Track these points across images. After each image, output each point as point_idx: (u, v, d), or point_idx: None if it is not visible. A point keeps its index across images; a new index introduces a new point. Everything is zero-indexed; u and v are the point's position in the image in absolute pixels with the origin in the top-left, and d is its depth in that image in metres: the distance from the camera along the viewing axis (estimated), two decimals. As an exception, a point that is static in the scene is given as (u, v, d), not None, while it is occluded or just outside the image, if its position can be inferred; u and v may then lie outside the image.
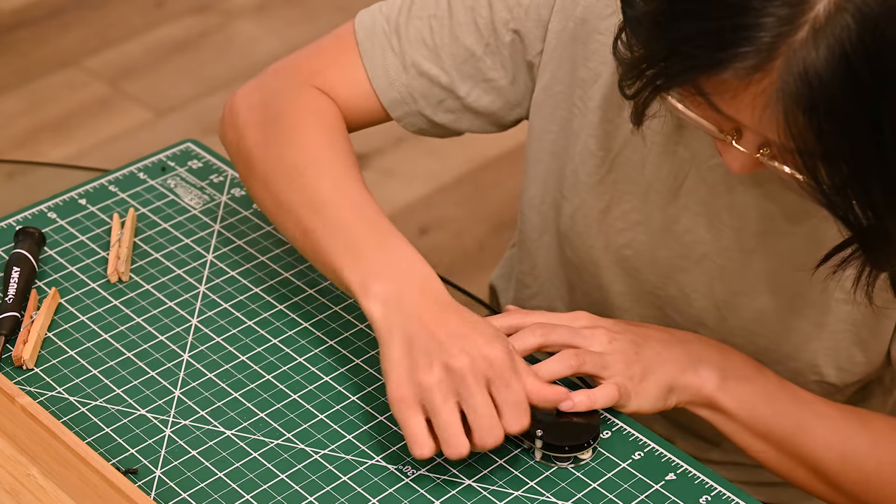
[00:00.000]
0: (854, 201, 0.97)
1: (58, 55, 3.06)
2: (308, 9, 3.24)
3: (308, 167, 1.21)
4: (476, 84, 1.27)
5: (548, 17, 1.24)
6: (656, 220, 1.24)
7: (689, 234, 1.23)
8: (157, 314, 1.26)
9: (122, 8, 3.22)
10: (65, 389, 1.18)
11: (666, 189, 1.22)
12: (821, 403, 1.19)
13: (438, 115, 1.30)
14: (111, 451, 1.13)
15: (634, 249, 1.26)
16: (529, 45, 1.25)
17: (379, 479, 1.12)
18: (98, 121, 2.90)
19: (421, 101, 1.29)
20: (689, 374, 1.16)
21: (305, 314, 1.26)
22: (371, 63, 1.28)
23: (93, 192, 1.39)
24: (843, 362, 1.22)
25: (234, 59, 3.07)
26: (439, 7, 1.27)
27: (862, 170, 0.95)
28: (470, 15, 1.25)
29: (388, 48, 1.28)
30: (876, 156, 0.94)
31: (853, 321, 1.20)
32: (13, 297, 1.23)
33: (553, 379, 1.14)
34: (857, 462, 1.18)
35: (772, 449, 1.19)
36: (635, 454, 1.15)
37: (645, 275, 1.27)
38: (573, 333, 1.16)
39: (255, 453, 1.13)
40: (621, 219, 1.26)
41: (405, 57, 1.27)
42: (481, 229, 2.66)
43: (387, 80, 1.28)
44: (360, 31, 1.29)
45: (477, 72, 1.27)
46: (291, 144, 1.23)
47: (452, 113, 1.30)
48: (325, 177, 1.20)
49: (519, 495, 1.11)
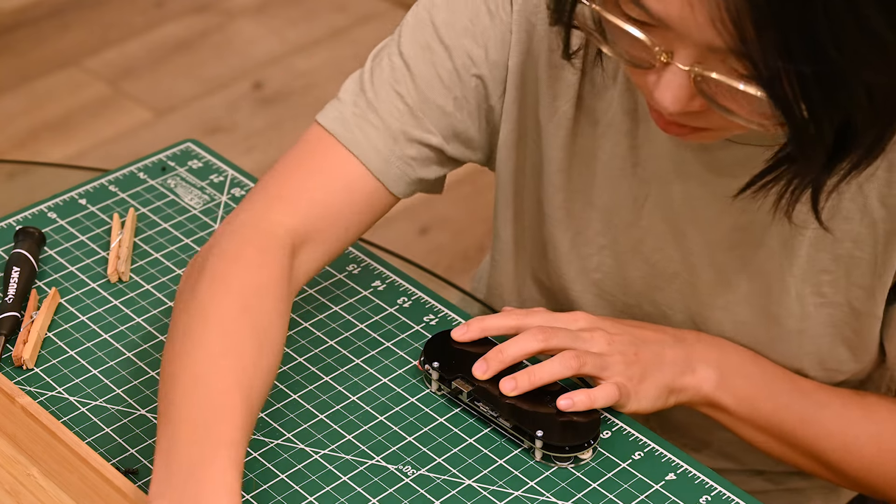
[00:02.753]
0: (789, 100, 0.94)
1: (58, 55, 3.07)
2: (308, 9, 3.24)
3: (183, 345, 1.07)
4: (453, 139, 1.22)
5: (506, 55, 1.20)
6: (622, 242, 1.23)
7: (658, 253, 1.22)
8: (157, 314, 1.26)
9: (122, 8, 3.23)
10: (65, 389, 1.18)
11: (627, 211, 1.22)
12: (822, 392, 1.20)
13: (421, 172, 1.22)
14: (111, 451, 1.13)
15: (604, 273, 1.26)
16: (491, 89, 1.21)
17: (379, 479, 1.12)
18: (98, 121, 2.90)
19: (415, 165, 1.21)
20: (687, 375, 1.17)
21: (305, 314, 1.26)
22: (356, 146, 1.19)
23: (93, 192, 1.39)
24: (829, 363, 1.23)
25: (234, 59, 3.07)
26: (396, 71, 1.19)
27: (798, 54, 0.92)
28: (432, 71, 1.19)
29: (368, 127, 1.19)
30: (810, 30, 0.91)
31: (833, 323, 1.20)
32: (13, 297, 1.24)
33: (553, 380, 1.15)
34: (860, 450, 1.19)
35: (774, 441, 1.20)
36: (635, 454, 1.15)
37: (618, 296, 1.26)
38: (573, 337, 1.16)
39: (255, 453, 1.13)
40: (588, 244, 1.25)
41: (390, 129, 1.19)
42: (481, 229, 2.66)
43: (380, 159, 1.19)
44: (329, 125, 1.20)
45: (451, 127, 1.21)
46: (190, 313, 1.09)
47: (431, 167, 1.23)
48: (192, 365, 1.05)
49: (519, 495, 1.11)
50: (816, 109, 0.94)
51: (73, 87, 2.98)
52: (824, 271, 1.17)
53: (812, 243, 1.16)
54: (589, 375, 1.15)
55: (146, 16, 3.20)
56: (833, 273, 1.17)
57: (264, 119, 2.90)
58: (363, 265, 1.31)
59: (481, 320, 1.19)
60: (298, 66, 3.05)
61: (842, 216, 1.14)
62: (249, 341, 1.07)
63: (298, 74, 3.02)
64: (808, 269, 1.18)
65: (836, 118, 0.95)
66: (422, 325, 1.26)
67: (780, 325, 1.21)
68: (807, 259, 1.17)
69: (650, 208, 1.21)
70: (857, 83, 0.94)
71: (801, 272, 1.18)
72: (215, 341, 1.06)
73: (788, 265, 1.17)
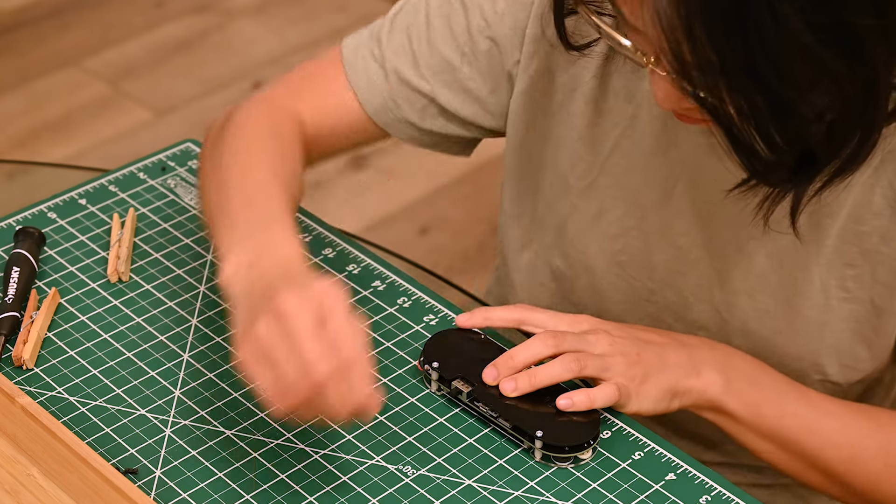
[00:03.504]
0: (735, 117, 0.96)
1: (58, 55, 3.07)
2: (308, 9, 3.24)
3: (227, 156, 1.21)
4: (456, 93, 1.27)
5: (525, 22, 1.23)
6: (650, 224, 1.24)
7: (684, 237, 1.23)
8: (157, 314, 1.26)
9: (122, 8, 3.23)
10: (65, 389, 1.18)
11: (657, 193, 1.22)
12: (829, 402, 1.19)
13: (426, 121, 1.29)
14: (111, 451, 1.13)
15: (629, 255, 1.26)
16: (506, 53, 1.24)
17: (379, 479, 1.12)
18: (98, 121, 2.90)
19: (404, 106, 1.28)
20: (691, 378, 1.16)
21: (305, 314, 1.26)
22: (353, 73, 1.29)
23: (93, 192, 1.39)
24: (847, 360, 1.22)
25: (234, 59, 3.07)
26: (418, 17, 1.27)
27: (739, 83, 0.94)
28: (446, 24, 1.25)
29: (369, 57, 1.28)
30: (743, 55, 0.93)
31: (856, 319, 1.20)
32: (13, 297, 1.23)
33: (554, 382, 1.14)
34: (866, 462, 1.17)
35: (779, 450, 1.18)
36: (635, 454, 1.15)
37: (642, 281, 1.26)
38: (580, 340, 1.16)
39: (255, 453, 1.13)
40: (614, 224, 1.25)
41: (386, 65, 1.28)
42: (481, 229, 2.66)
43: (369, 87, 1.28)
44: (344, 49, 1.30)
45: (455, 81, 1.27)
46: (226, 140, 1.24)
47: (437, 119, 1.29)
48: (236, 165, 1.20)
49: (519, 495, 1.11)
50: (767, 137, 0.95)
51: (73, 87, 2.98)
52: (850, 265, 1.17)
53: (840, 234, 1.16)
54: (590, 377, 1.15)
55: (146, 16, 3.20)
56: (859, 268, 1.17)
57: (264, 119, 2.90)
58: (363, 265, 1.31)
59: (486, 310, 1.20)
60: (298, 66, 3.05)
61: (872, 211, 1.14)
62: (278, 153, 1.23)
63: (298, 74, 3.02)
64: (834, 261, 1.17)
65: (791, 144, 0.97)
66: (422, 325, 1.26)
67: (801, 316, 1.20)
68: (833, 250, 1.17)
69: (681, 190, 1.20)
70: (806, 112, 0.95)
71: (826, 262, 1.17)
72: (250, 150, 1.22)
73: (815, 254, 1.17)
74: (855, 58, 0.94)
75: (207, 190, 1.22)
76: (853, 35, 0.93)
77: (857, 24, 0.93)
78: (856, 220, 1.16)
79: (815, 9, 0.91)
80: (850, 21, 0.92)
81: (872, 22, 0.93)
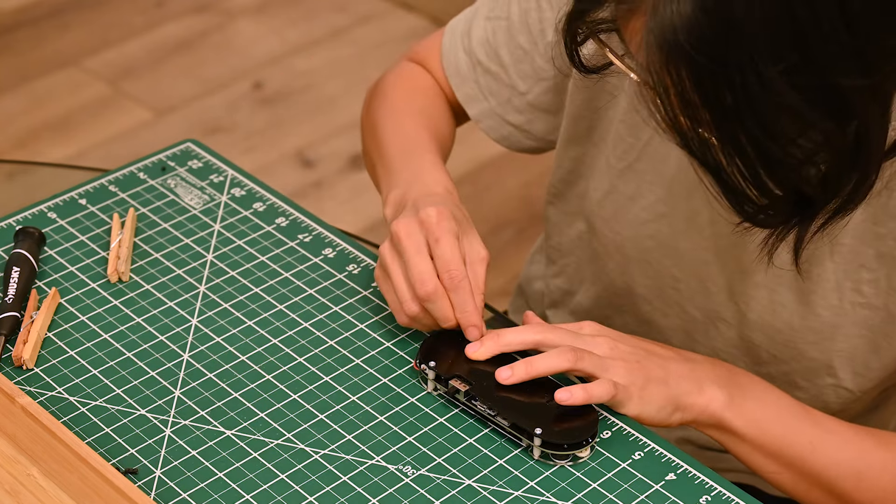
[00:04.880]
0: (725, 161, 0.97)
1: (58, 55, 3.07)
2: (308, 9, 3.24)
3: (381, 115, 1.37)
4: (535, 82, 1.33)
5: None
6: (680, 211, 1.25)
7: (711, 227, 1.24)
8: (157, 314, 1.26)
9: (122, 8, 3.23)
10: (65, 389, 1.18)
11: (689, 182, 1.22)
12: (833, 422, 1.17)
13: (510, 114, 1.35)
14: (111, 451, 1.13)
15: (658, 241, 1.27)
16: None
17: (379, 479, 1.12)
18: (98, 121, 2.90)
19: (491, 98, 1.36)
20: (693, 394, 1.15)
21: (305, 314, 1.26)
22: (447, 61, 1.39)
23: (93, 192, 1.39)
24: (859, 367, 1.22)
25: (234, 59, 3.07)
26: (500, 9, 1.35)
27: (727, 137, 0.95)
28: (524, 16, 1.32)
29: (460, 48, 1.38)
30: (731, 107, 0.94)
31: (869, 326, 1.19)
32: (13, 297, 1.24)
33: (550, 372, 1.14)
34: (873, 480, 1.16)
35: (784, 469, 1.17)
36: (635, 454, 1.15)
37: (667, 267, 1.27)
38: (580, 339, 1.16)
39: (255, 453, 1.13)
40: (647, 209, 1.27)
41: (472, 55, 1.36)
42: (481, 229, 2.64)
43: (459, 76, 1.38)
44: (447, 31, 1.41)
45: (533, 70, 1.33)
46: (378, 100, 1.40)
47: (521, 113, 1.35)
48: (389, 121, 1.36)
49: (519, 495, 1.11)
50: (758, 182, 0.96)
51: (73, 87, 2.98)
52: (865, 267, 1.17)
53: (857, 234, 1.16)
54: (588, 374, 1.15)
55: (146, 16, 3.20)
56: (875, 272, 1.17)
57: (264, 119, 2.91)
58: (363, 265, 1.32)
59: (498, 335, 1.17)
60: (298, 66, 3.05)
61: (889, 213, 1.14)
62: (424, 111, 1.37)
63: (298, 74, 3.02)
64: (850, 261, 1.17)
65: (783, 189, 0.97)
66: (422, 325, 1.26)
67: (815, 314, 1.20)
68: (850, 249, 1.17)
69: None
70: (796, 159, 0.95)
71: (842, 260, 1.17)
72: (399, 106, 1.38)
73: (829, 250, 1.17)
74: (843, 116, 0.94)
75: (369, 149, 1.38)
76: (840, 95, 0.93)
77: (843, 86, 0.93)
78: (873, 221, 1.16)
79: (799, 71, 0.91)
80: (837, 82, 0.92)
81: (860, 82, 0.93)
